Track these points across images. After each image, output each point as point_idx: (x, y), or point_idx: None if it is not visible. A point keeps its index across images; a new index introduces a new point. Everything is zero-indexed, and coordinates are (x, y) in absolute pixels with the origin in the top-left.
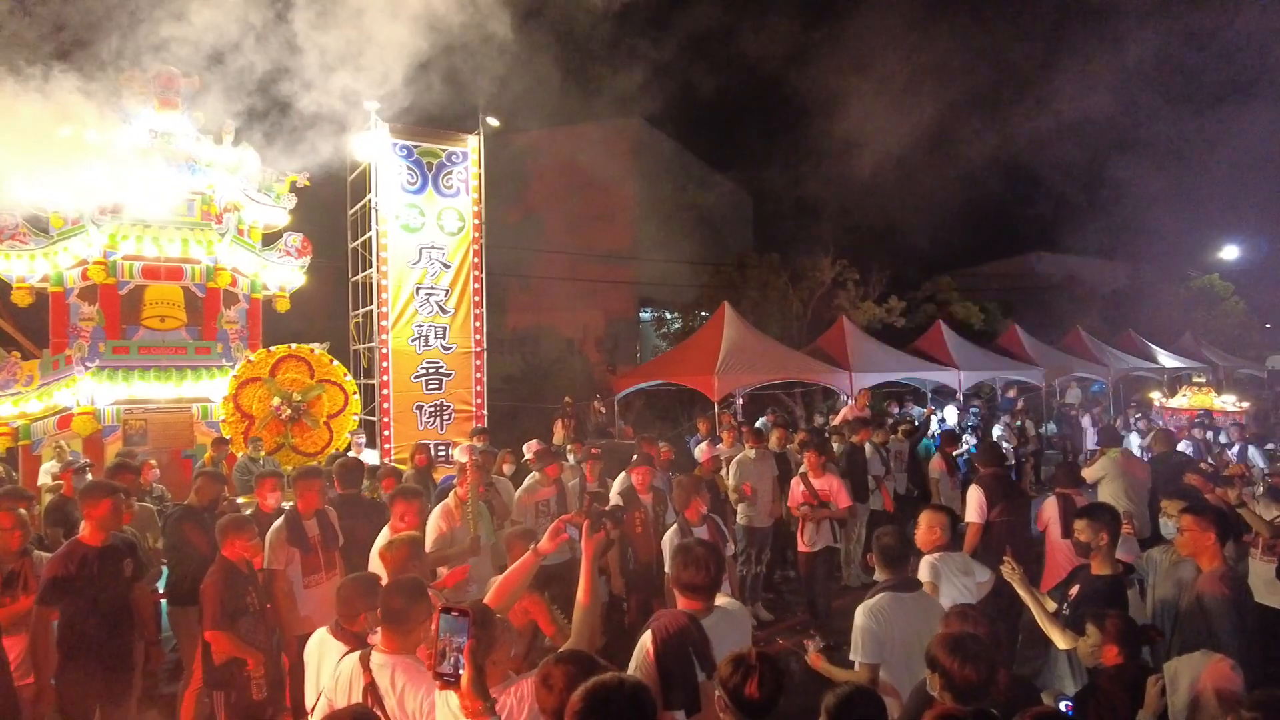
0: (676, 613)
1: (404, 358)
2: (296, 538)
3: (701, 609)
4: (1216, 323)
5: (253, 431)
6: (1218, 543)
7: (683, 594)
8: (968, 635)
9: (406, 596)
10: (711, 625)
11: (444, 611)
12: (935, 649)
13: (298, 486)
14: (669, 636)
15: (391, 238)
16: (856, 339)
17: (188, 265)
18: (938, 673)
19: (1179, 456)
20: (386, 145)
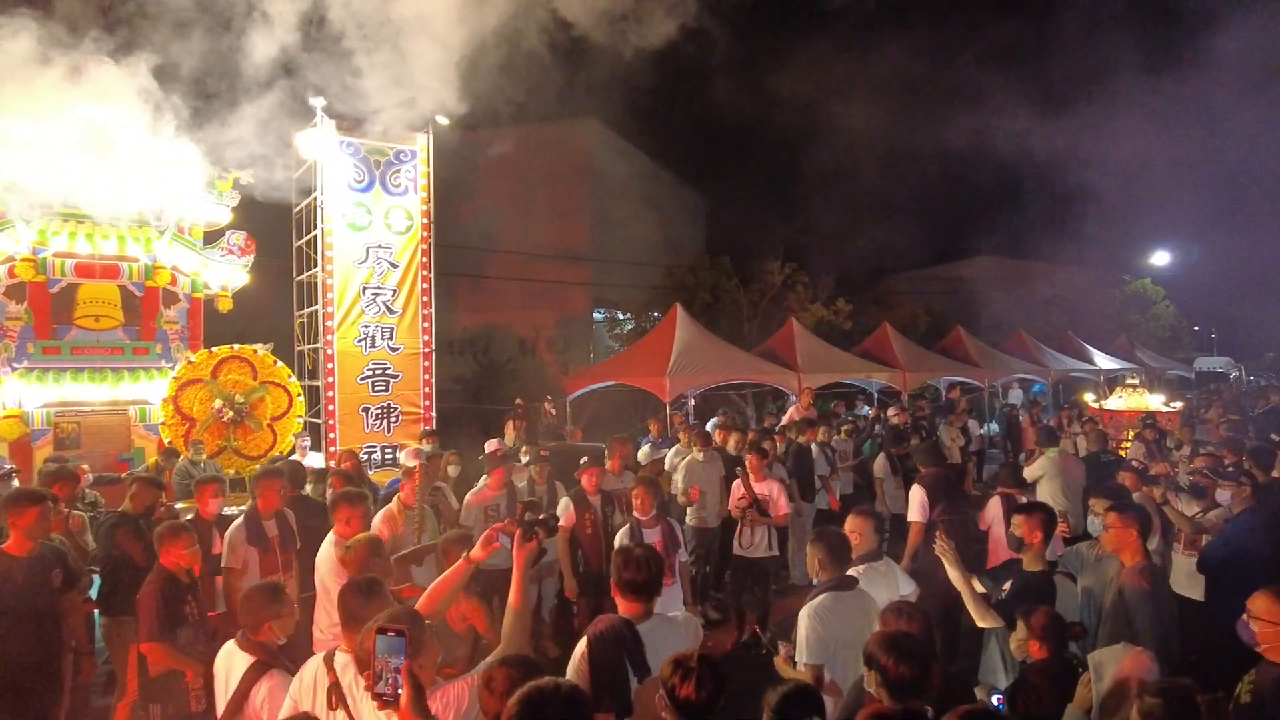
0: (613, 617)
1: (350, 359)
2: (256, 537)
3: (640, 612)
4: (1149, 325)
5: (193, 434)
6: (1139, 539)
7: (622, 596)
8: (903, 634)
9: (363, 596)
10: (649, 630)
11: (380, 631)
12: (872, 647)
13: (258, 486)
14: (603, 640)
15: (337, 236)
16: (805, 341)
17: (124, 263)
18: (874, 670)
19: (1108, 456)
20: (333, 143)
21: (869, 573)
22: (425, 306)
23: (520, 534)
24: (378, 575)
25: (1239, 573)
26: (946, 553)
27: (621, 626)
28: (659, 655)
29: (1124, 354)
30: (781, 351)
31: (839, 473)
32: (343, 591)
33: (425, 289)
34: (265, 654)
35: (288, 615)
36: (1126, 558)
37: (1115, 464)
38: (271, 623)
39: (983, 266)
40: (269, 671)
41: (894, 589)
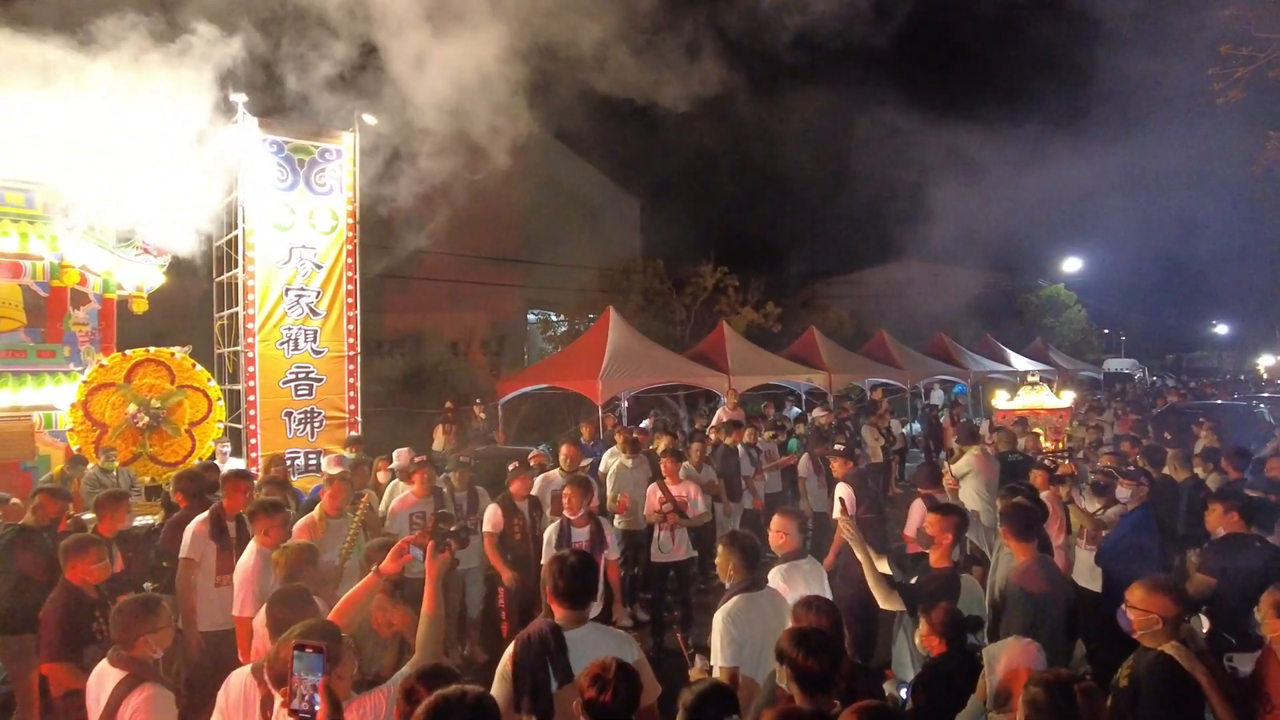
0: (541, 621)
1: (272, 362)
2: (219, 533)
3: (573, 619)
4: (1062, 329)
5: (105, 441)
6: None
7: (555, 602)
8: (813, 629)
9: (291, 606)
10: (580, 637)
11: (297, 648)
12: (783, 642)
13: (227, 486)
14: (527, 644)
15: (260, 236)
16: (735, 343)
17: (27, 261)
18: (786, 665)
19: (1016, 455)
20: (255, 140)
21: (792, 571)
22: (350, 309)
23: (432, 545)
24: (306, 584)
25: (1129, 566)
26: (850, 532)
27: (547, 631)
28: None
29: (1039, 356)
30: (713, 354)
31: (764, 473)
32: (270, 602)
33: (350, 290)
34: (137, 668)
35: (164, 629)
36: (1018, 555)
37: (1023, 463)
38: (146, 636)
39: (906, 272)
40: (140, 685)
41: (819, 587)
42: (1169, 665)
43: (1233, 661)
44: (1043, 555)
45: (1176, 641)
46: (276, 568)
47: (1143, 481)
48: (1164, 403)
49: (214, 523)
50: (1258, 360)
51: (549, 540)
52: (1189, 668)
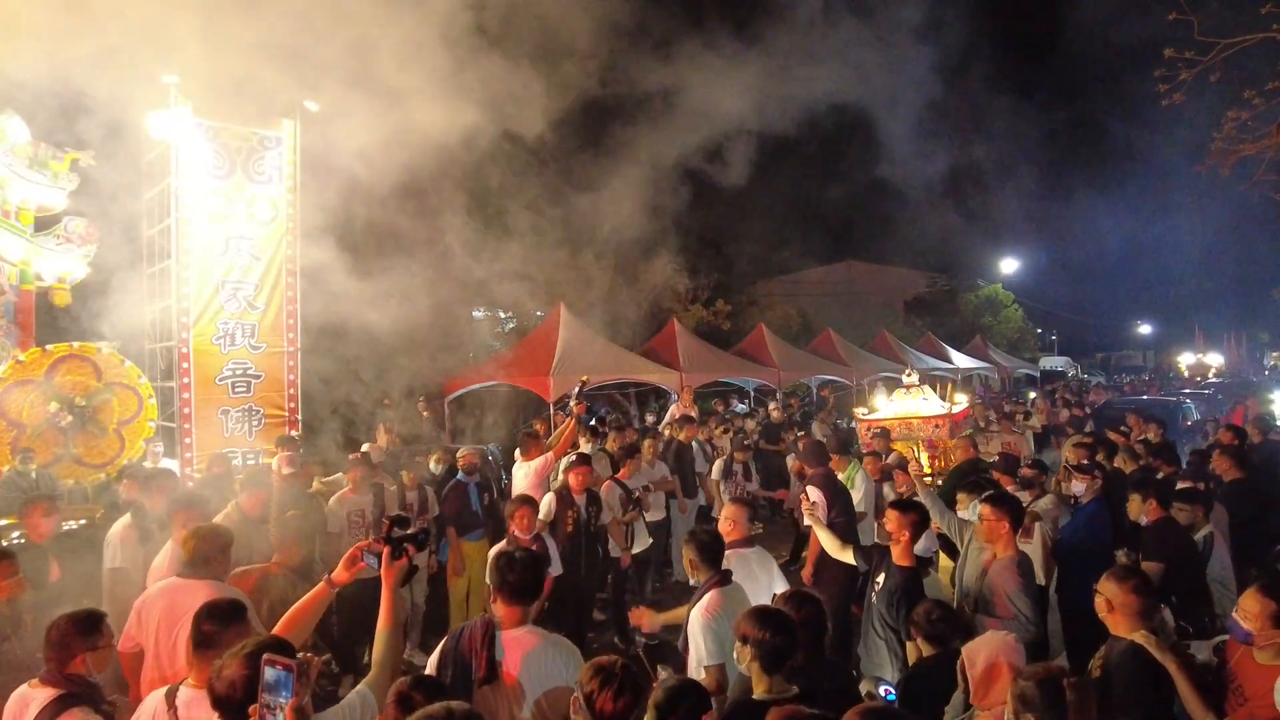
0: (482, 617)
1: (207, 358)
2: (146, 537)
3: (511, 615)
4: (1000, 328)
5: (23, 442)
6: (1011, 532)
7: (498, 597)
8: (773, 608)
9: (220, 620)
10: (514, 638)
11: (267, 663)
12: (742, 622)
13: (149, 486)
14: (459, 634)
15: (194, 226)
16: (686, 340)
17: None
18: (748, 645)
19: None
20: (189, 125)
21: (738, 560)
22: (290, 303)
23: (388, 551)
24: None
25: (1085, 559)
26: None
27: (480, 626)
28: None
29: (979, 354)
30: (663, 351)
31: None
32: (199, 613)
33: (290, 284)
34: (73, 687)
35: (105, 648)
36: (999, 549)
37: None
38: (85, 655)
39: (851, 271)
40: (70, 709)
41: (766, 576)
42: (1140, 655)
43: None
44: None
45: (1146, 631)
46: (182, 549)
47: (1097, 475)
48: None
49: (140, 526)
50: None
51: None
52: (1160, 657)
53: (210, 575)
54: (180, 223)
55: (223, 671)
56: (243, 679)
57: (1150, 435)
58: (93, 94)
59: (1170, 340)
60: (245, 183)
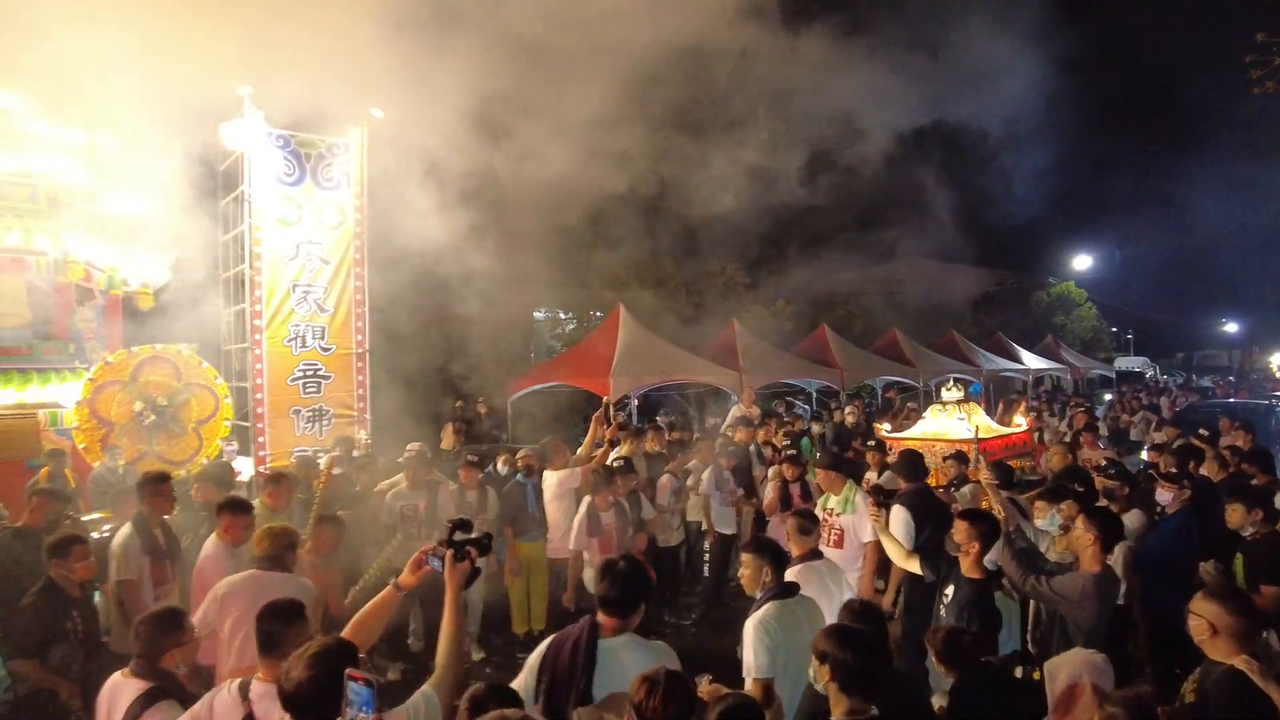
0: (583, 624)
1: (279, 359)
2: (149, 545)
3: (612, 625)
4: (1073, 327)
5: (111, 439)
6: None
7: (600, 608)
8: (853, 627)
9: (281, 620)
10: (614, 648)
11: (350, 679)
12: (822, 641)
13: (142, 491)
14: (558, 650)
15: (266, 232)
16: (747, 341)
17: (31, 257)
18: (827, 664)
19: None
20: (261, 134)
21: (807, 573)
22: (359, 305)
23: (452, 554)
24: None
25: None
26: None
27: (583, 640)
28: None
29: (1050, 354)
30: (724, 352)
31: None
32: (260, 614)
33: (359, 287)
34: (161, 681)
35: (190, 643)
36: (1085, 563)
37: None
38: (173, 651)
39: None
40: (159, 703)
41: (837, 589)
42: (1241, 682)
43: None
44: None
45: (1248, 656)
46: (256, 547)
47: (1185, 485)
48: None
49: (142, 536)
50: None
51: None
52: (1263, 685)
53: (283, 568)
54: (253, 229)
55: (290, 674)
56: (309, 680)
57: (1239, 441)
58: (171, 105)
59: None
60: (314, 189)
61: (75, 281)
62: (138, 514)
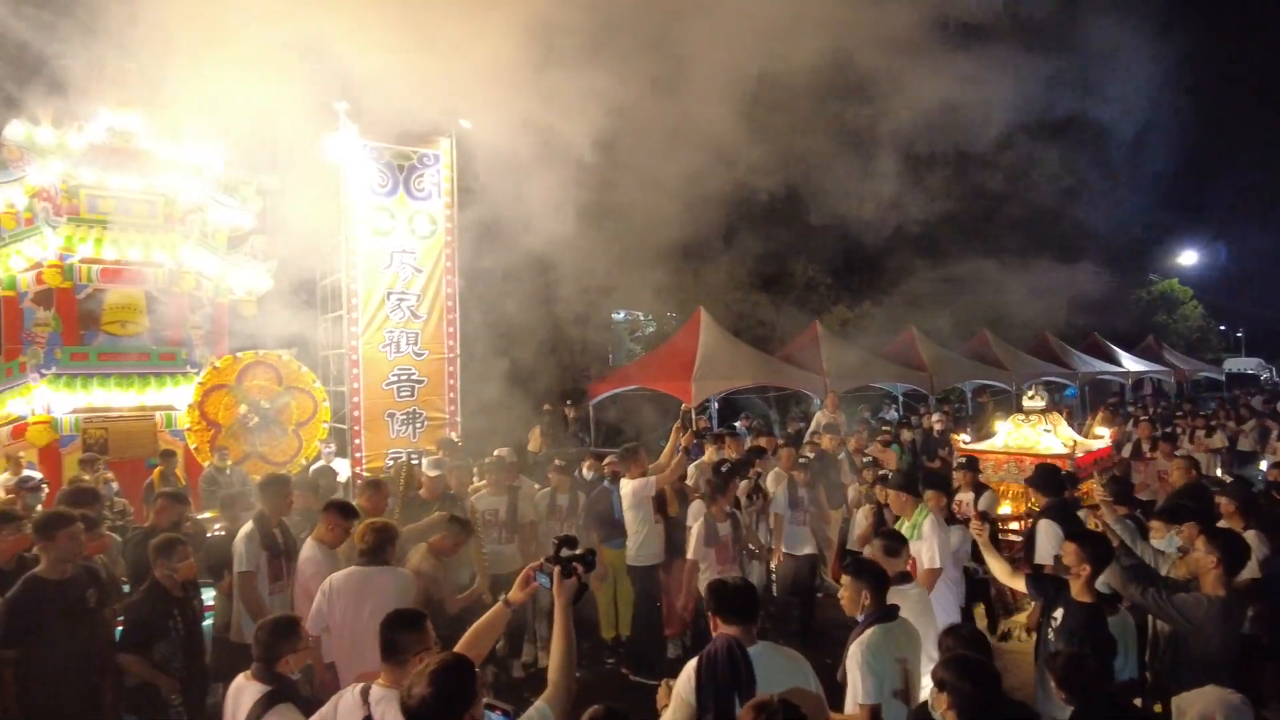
0: (723, 640)
1: (375, 364)
2: (268, 542)
3: (746, 633)
4: (1177, 326)
5: (219, 440)
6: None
7: (727, 623)
8: (974, 656)
9: (402, 628)
10: (756, 655)
11: (488, 708)
12: (942, 670)
13: (264, 491)
14: (713, 665)
15: (361, 241)
16: (829, 343)
17: (149, 269)
18: (945, 692)
19: None
20: (356, 147)
21: (895, 597)
22: (450, 311)
23: (559, 571)
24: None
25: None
26: (980, 534)
27: (735, 649)
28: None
29: (1152, 355)
30: (806, 354)
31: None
32: (386, 621)
33: (450, 294)
34: (278, 684)
35: (303, 649)
36: (1207, 587)
37: None
38: (288, 656)
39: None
40: (277, 705)
41: (928, 617)
42: None
43: None
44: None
45: None
46: (359, 541)
47: None
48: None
49: (263, 531)
50: None
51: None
52: None
53: (383, 562)
54: (349, 238)
55: (413, 690)
56: (432, 697)
57: None
58: (272, 121)
59: None
60: (407, 199)
61: (187, 291)
62: (259, 512)
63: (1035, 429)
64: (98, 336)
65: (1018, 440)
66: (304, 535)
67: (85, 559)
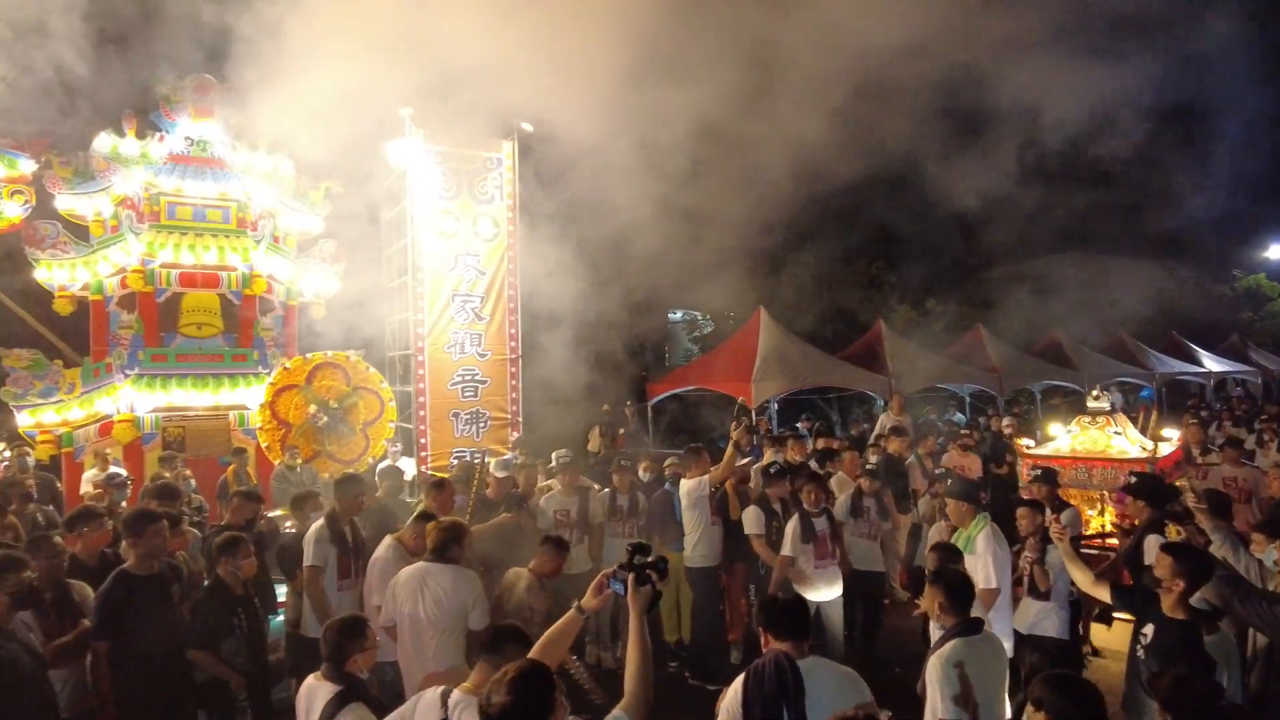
0: (773, 653)
1: (440, 365)
2: (337, 538)
3: (798, 648)
4: (1264, 324)
5: (289, 439)
6: None
7: (779, 640)
8: (1073, 674)
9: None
10: (807, 669)
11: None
12: (1042, 689)
13: (337, 491)
14: (760, 678)
15: (427, 244)
16: (894, 343)
17: (224, 272)
18: (1043, 711)
19: None
20: (420, 152)
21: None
22: (512, 313)
23: (633, 578)
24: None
25: None
26: (1061, 538)
27: (784, 663)
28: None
29: (1236, 355)
30: (869, 354)
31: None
32: (494, 629)
33: (512, 295)
34: (348, 684)
35: (370, 649)
36: None
37: None
38: (355, 656)
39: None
40: (349, 705)
41: None
42: None
43: None
44: None
45: None
46: (427, 539)
47: None
48: None
49: (332, 528)
50: None
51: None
52: None
53: (448, 560)
54: (415, 241)
55: (492, 698)
56: (511, 705)
57: None
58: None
59: None
60: (471, 203)
61: (260, 294)
62: (330, 510)
63: (1104, 431)
64: (176, 338)
65: (1084, 444)
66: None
67: (168, 555)
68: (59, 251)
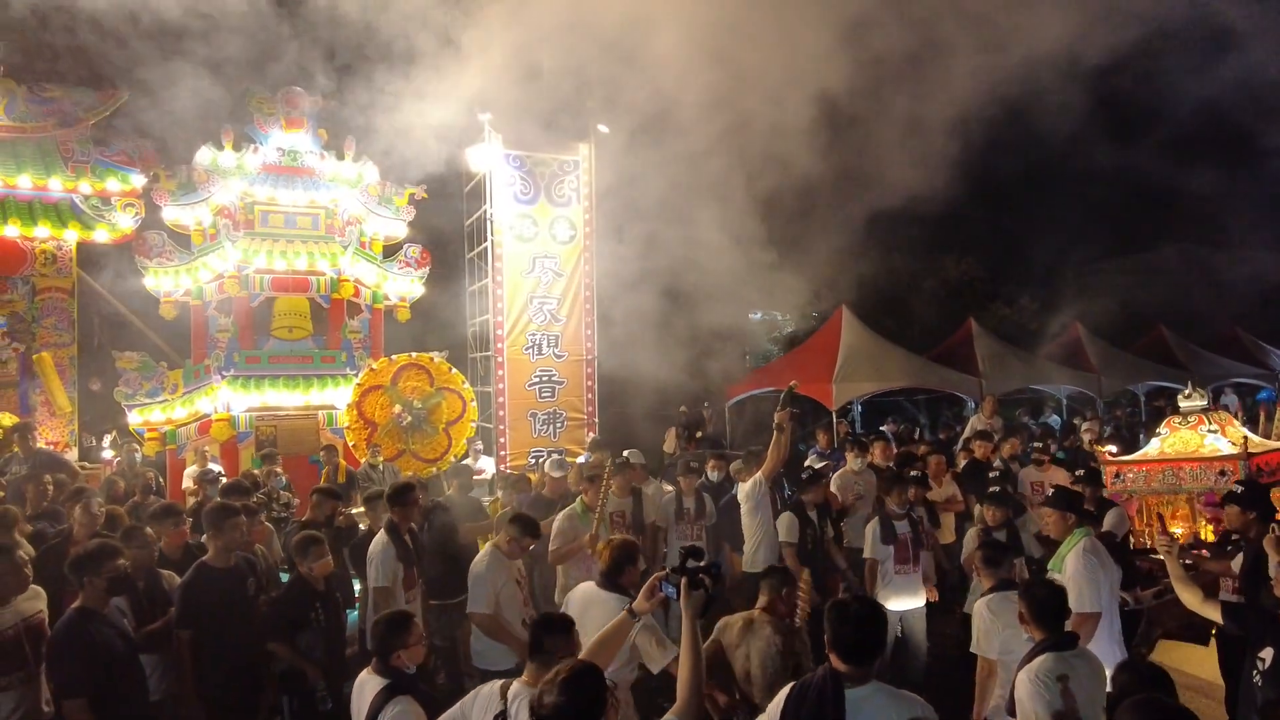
0: (823, 672)
1: (518, 365)
2: (403, 554)
3: (852, 674)
4: None
5: (374, 438)
6: None
7: (835, 654)
8: (1166, 700)
9: (552, 632)
10: (861, 698)
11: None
12: (1130, 714)
13: (392, 501)
14: (800, 700)
15: (506, 247)
16: (985, 342)
17: (313, 277)
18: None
19: None
20: (499, 156)
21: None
22: (588, 314)
23: (686, 582)
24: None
25: None
26: (1168, 551)
27: (828, 689)
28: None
29: None
30: (959, 355)
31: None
32: (536, 621)
33: (588, 297)
34: (395, 678)
35: (415, 645)
36: None
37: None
38: (400, 651)
39: (1186, 255)
40: (397, 696)
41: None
42: None
43: None
44: None
45: None
46: (599, 560)
47: None
48: None
49: (397, 544)
50: None
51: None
52: None
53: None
54: (494, 245)
55: (544, 698)
56: (563, 704)
57: None
58: (423, 134)
59: None
60: (548, 206)
61: (347, 297)
62: (389, 521)
63: (1196, 431)
64: (269, 341)
65: (1175, 445)
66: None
67: (246, 549)
68: (165, 260)
